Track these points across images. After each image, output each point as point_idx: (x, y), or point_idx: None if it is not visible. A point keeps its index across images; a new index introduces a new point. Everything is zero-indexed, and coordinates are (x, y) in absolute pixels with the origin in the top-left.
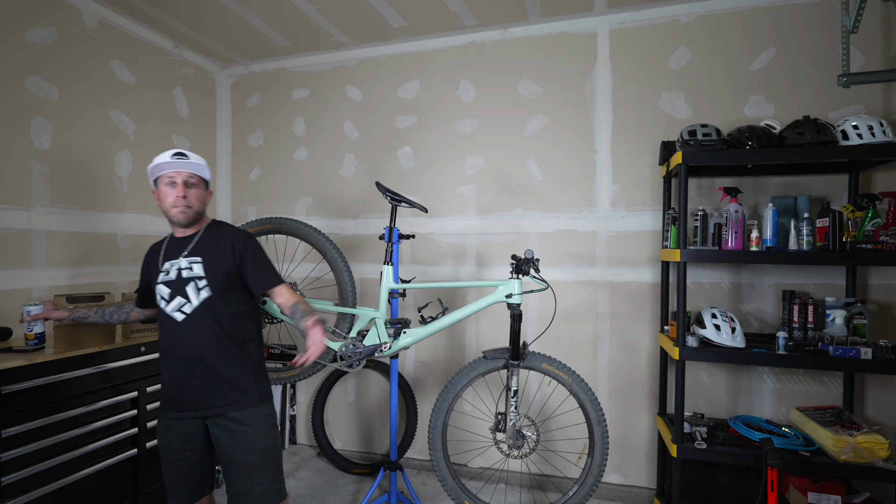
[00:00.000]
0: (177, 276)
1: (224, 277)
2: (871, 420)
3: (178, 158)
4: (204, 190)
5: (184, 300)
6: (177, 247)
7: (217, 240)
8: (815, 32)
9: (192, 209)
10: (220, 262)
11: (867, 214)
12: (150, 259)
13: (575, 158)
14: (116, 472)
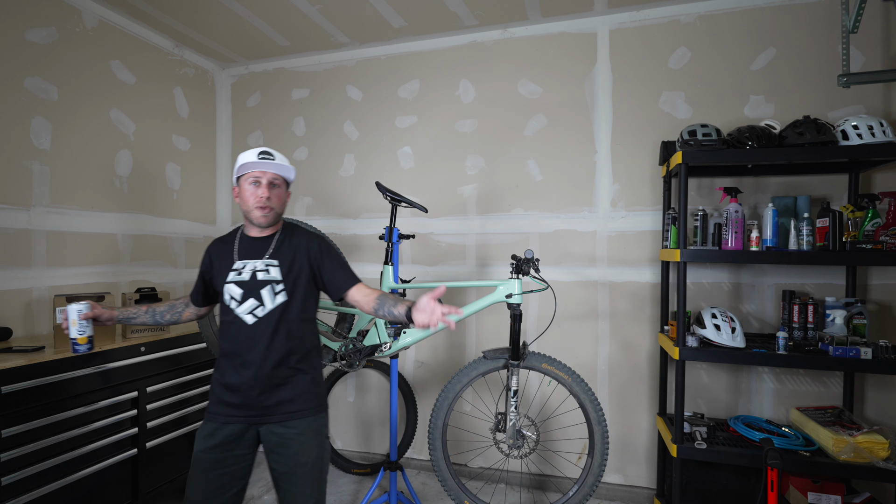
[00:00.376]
0: (251, 277)
1: (299, 283)
2: (871, 420)
3: (264, 158)
4: (285, 191)
5: (257, 303)
6: (252, 246)
7: (292, 243)
8: (815, 32)
9: (273, 211)
10: (296, 268)
11: (867, 214)
12: (219, 255)
13: (575, 158)
14: (116, 472)
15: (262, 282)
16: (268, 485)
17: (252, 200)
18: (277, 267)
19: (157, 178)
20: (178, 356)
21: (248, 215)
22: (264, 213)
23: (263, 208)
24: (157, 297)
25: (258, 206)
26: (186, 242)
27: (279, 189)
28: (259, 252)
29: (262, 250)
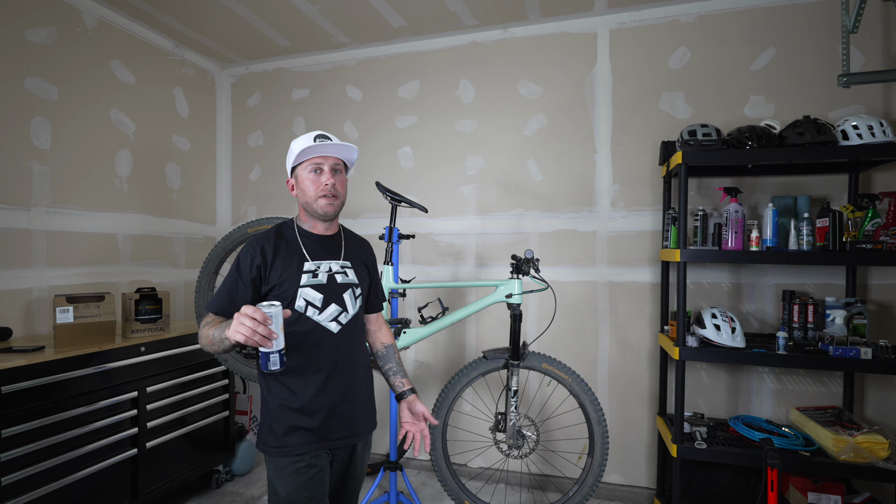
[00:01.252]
0: (328, 279)
1: (366, 288)
2: (871, 420)
3: (322, 141)
4: (346, 176)
5: (340, 308)
6: (322, 245)
7: (355, 245)
8: (815, 32)
9: (339, 199)
10: (362, 270)
11: (867, 214)
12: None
13: (575, 158)
14: (116, 472)
15: (343, 285)
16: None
17: (314, 189)
18: (352, 269)
19: (157, 178)
20: (178, 356)
21: (309, 207)
22: (330, 202)
23: (329, 196)
24: (157, 297)
25: (323, 195)
26: (186, 242)
27: (342, 175)
28: (332, 251)
29: (335, 249)
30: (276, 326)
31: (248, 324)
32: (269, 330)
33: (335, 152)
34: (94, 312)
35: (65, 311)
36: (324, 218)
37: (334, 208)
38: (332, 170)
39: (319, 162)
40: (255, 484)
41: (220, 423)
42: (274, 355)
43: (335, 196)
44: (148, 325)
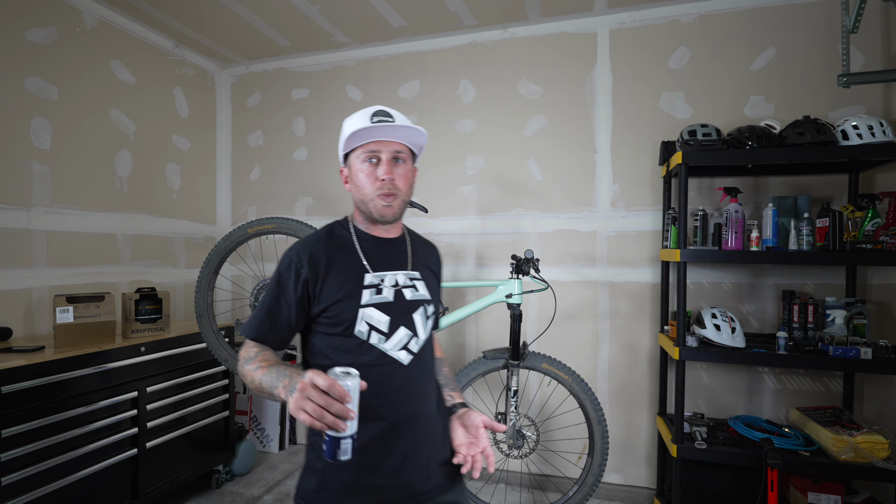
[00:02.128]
0: (396, 296)
1: (437, 304)
2: (871, 420)
3: (380, 121)
4: (412, 166)
5: (410, 333)
6: (385, 252)
7: (422, 248)
8: (815, 32)
9: (399, 198)
10: (433, 283)
11: (867, 214)
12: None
13: (575, 158)
14: (116, 472)
15: (413, 302)
16: (268, 485)
17: (371, 185)
18: (422, 281)
19: (157, 178)
20: (178, 356)
21: (364, 207)
22: (389, 203)
23: (387, 195)
24: (157, 297)
25: (381, 193)
26: (186, 242)
27: (406, 166)
28: (397, 259)
29: (400, 256)
30: (354, 404)
31: (318, 401)
32: (345, 409)
33: (398, 136)
34: (94, 312)
35: (65, 311)
36: (382, 220)
37: (393, 211)
38: (392, 159)
39: (376, 150)
40: (255, 484)
41: (220, 423)
42: (346, 441)
43: (395, 194)
44: (148, 325)
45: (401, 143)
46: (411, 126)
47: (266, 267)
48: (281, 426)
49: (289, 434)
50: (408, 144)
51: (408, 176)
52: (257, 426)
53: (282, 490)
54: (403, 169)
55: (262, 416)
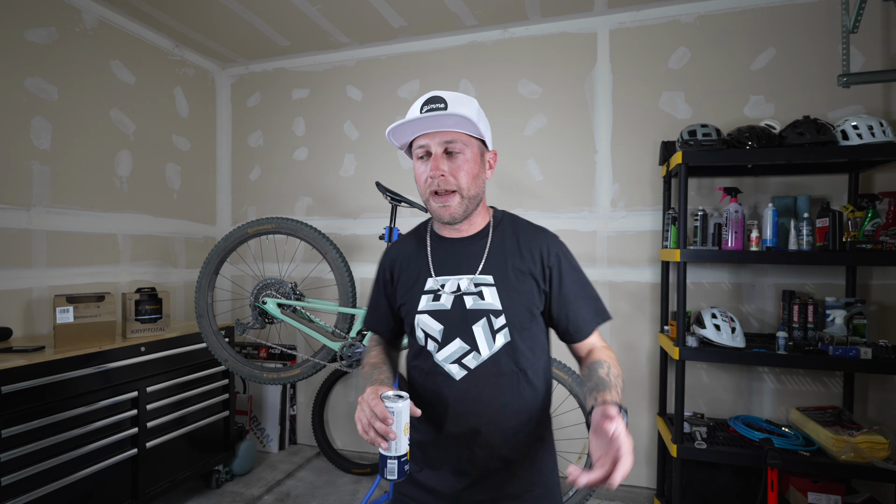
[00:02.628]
0: (454, 303)
1: (525, 311)
2: (871, 420)
3: (429, 111)
4: (479, 154)
5: (466, 347)
6: (453, 253)
7: (515, 242)
8: (815, 32)
9: (457, 194)
10: (517, 286)
11: (867, 214)
12: (403, 265)
13: (575, 158)
14: (116, 472)
15: (474, 312)
16: (268, 485)
17: (423, 183)
18: (494, 287)
19: (157, 178)
20: (178, 356)
21: (428, 207)
22: (444, 203)
23: (440, 193)
24: (157, 297)
25: (432, 192)
26: (186, 242)
27: (463, 156)
28: (467, 262)
29: (471, 259)
30: (398, 426)
31: (366, 412)
32: (386, 429)
33: (446, 124)
34: (94, 312)
35: (65, 311)
36: (441, 221)
37: (451, 211)
38: (443, 153)
39: (425, 144)
40: (255, 484)
41: (220, 423)
42: (392, 462)
43: (450, 191)
44: (148, 325)
45: (452, 132)
46: (458, 114)
47: (266, 267)
48: (281, 426)
49: (289, 434)
50: (464, 131)
51: (469, 168)
52: (257, 426)
53: (282, 490)
54: (459, 161)
55: (262, 416)
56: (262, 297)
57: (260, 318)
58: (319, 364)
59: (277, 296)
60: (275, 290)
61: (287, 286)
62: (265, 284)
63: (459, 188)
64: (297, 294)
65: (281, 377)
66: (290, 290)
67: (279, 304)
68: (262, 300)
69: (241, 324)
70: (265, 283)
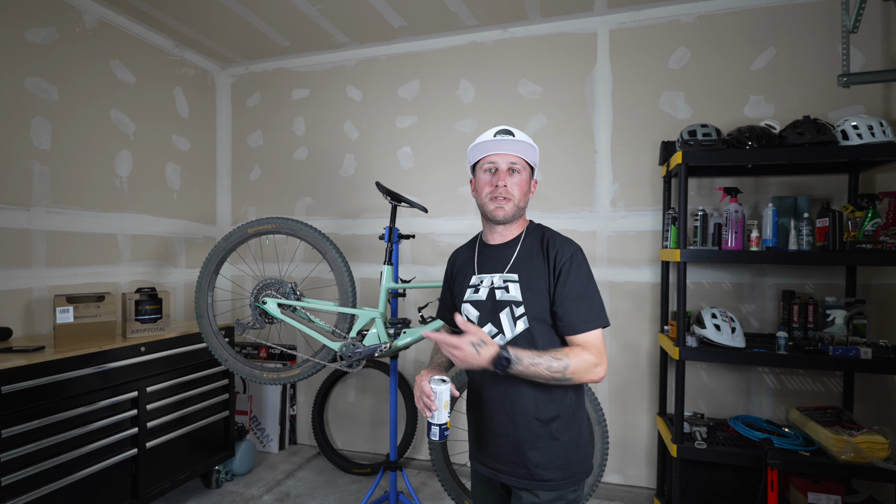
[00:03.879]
0: (488, 295)
1: (542, 304)
2: (871, 420)
3: (502, 136)
4: (529, 177)
5: (495, 330)
6: (492, 256)
7: (540, 249)
8: (815, 32)
9: (512, 202)
10: (536, 283)
11: (867, 214)
12: (461, 266)
13: (575, 158)
14: (116, 472)
15: (501, 302)
16: (268, 485)
17: (486, 191)
18: (517, 283)
19: (157, 178)
20: (178, 356)
21: (482, 209)
22: (499, 206)
23: (498, 199)
24: (157, 297)
25: (492, 197)
26: (186, 242)
27: (520, 175)
28: (500, 263)
29: (502, 261)
30: (439, 402)
31: (418, 388)
32: (430, 402)
33: (513, 150)
34: (94, 312)
35: (65, 311)
36: (494, 220)
37: (504, 212)
38: (508, 169)
39: (495, 161)
40: (255, 484)
41: (220, 423)
42: (434, 428)
43: (507, 198)
44: (148, 325)
45: (517, 156)
46: (524, 141)
47: (266, 267)
48: (281, 426)
49: (289, 434)
50: (524, 157)
51: (523, 186)
52: (257, 426)
53: (282, 490)
54: (519, 178)
55: (262, 416)
56: (263, 297)
57: (260, 318)
58: (319, 364)
59: (277, 296)
60: (275, 290)
61: (287, 286)
62: (265, 284)
63: (514, 198)
64: (297, 294)
65: (281, 377)
66: (290, 290)
67: (279, 304)
68: (263, 300)
69: (241, 324)
70: (265, 283)
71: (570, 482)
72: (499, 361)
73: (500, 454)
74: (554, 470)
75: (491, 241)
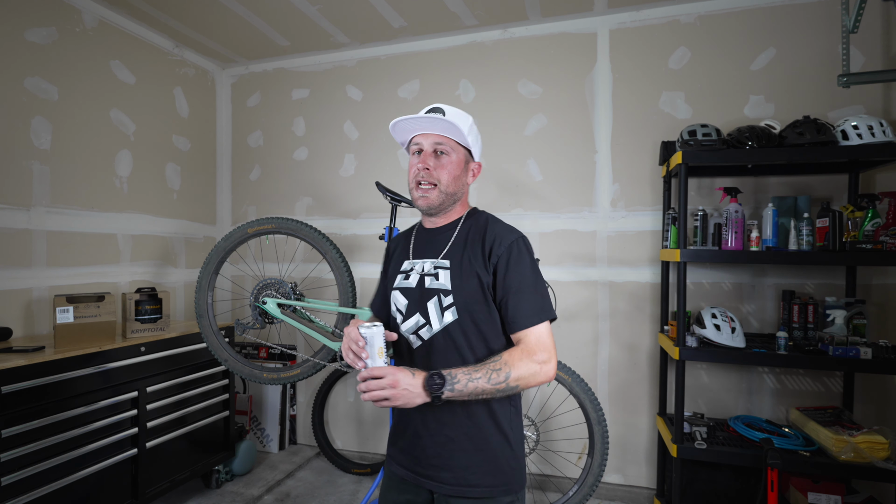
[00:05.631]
0: (417, 282)
1: (473, 294)
2: (871, 420)
3: (431, 115)
4: (462, 160)
5: (422, 320)
6: (427, 241)
7: (477, 235)
8: (815, 32)
9: (437, 189)
10: (468, 271)
11: (867, 214)
12: (396, 251)
13: (575, 158)
14: (116, 471)
15: (430, 290)
16: (268, 485)
17: (411, 174)
18: (448, 270)
19: (157, 178)
20: (178, 356)
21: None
22: (422, 194)
23: (422, 184)
24: (157, 297)
25: (416, 182)
26: (186, 242)
27: (448, 158)
28: (434, 249)
29: (437, 246)
30: (371, 348)
31: (345, 339)
32: (359, 348)
33: (437, 128)
34: (94, 312)
35: (65, 311)
36: (420, 209)
37: (428, 201)
38: (432, 151)
39: (419, 142)
40: (254, 484)
41: (220, 423)
42: None
43: (432, 184)
44: (148, 325)
45: (441, 135)
46: (451, 121)
47: (266, 267)
48: (281, 426)
49: (289, 434)
50: (451, 137)
51: (451, 168)
52: (257, 426)
53: (282, 490)
54: (444, 161)
55: (262, 416)
56: (262, 297)
57: (260, 318)
58: (319, 364)
59: (277, 296)
60: (275, 290)
61: (287, 286)
62: (265, 284)
63: (439, 183)
64: (297, 294)
65: (281, 377)
66: (290, 290)
67: (279, 304)
68: (262, 300)
69: (241, 324)
70: (265, 283)
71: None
72: (431, 383)
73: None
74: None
75: (427, 225)
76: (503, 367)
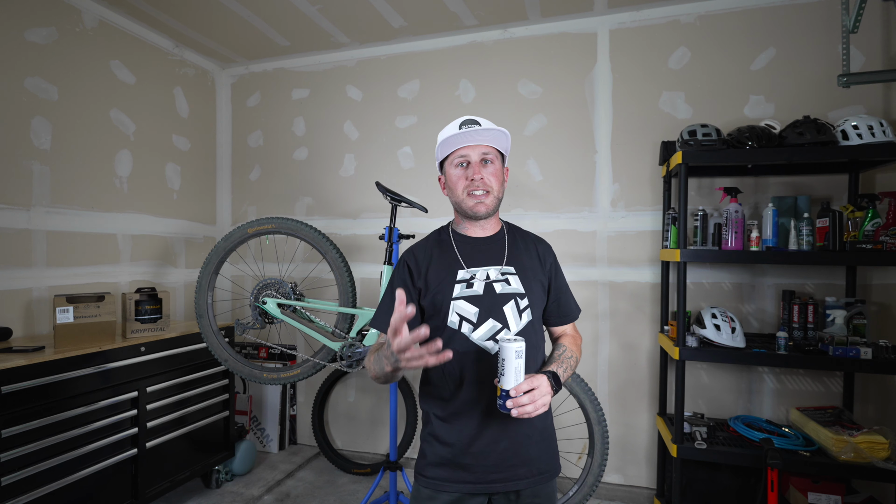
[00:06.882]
0: (485, 289)
1: (541, 296)
2: (871, 420)
3: (469, 127)
4: (502, 167)
5: (499, 325)
6: (481, 249)
7: (524, 245)
8: (815, 32)
9: (491, 195)
10: (532, 276)
11: (867, 214)
12: (430, 263)
13: (575, 158)
14: (116, 472)
15: (503, 296)
16: (268, 485)
17: (461, 186)
18: (516, 275)
19: (157, 177)
20: (178, 356)
21: (459, 207)
22: (479, 201)
23: (477, 193)
24: (157, 297)
25: (469, 192)
26: (186, 242)
27: (494, 165)
28: (493, 256)
29: (495, 253)
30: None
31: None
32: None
33: (483, 139)
34: (94, 312)
35: (65, 311)
36: (475, 216)
37: (486, 207)
38: (480, 161)
39: (466, 154)
40: (254, 484)
41: (220, 423)
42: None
43: (487, 192)
44: (148, 325)
45: (488, 146)
46: (495, 129)
47: (266, 267)
48: (281, 426)
49: (289, 434)
50: (495, 146)
51: (497, 174)
52: (257, 426)
53: (282, 490)
54: (493, 169)
55: (262, 416)
56: (262, 297)
57: (260, 318)
58: (319, 364)
59: (277, 296)
60: (275, 290)
61: (287, 286)
62: (265, 284)
63: (492, 190)
64: (297, 294)
65: (281, 377)
66: (290, 290)
67: (279, 304)
68: (262, 300)
69: (241, 324)
70: (265, 283)
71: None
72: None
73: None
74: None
75: (473, 234)
76: (573, 355)
